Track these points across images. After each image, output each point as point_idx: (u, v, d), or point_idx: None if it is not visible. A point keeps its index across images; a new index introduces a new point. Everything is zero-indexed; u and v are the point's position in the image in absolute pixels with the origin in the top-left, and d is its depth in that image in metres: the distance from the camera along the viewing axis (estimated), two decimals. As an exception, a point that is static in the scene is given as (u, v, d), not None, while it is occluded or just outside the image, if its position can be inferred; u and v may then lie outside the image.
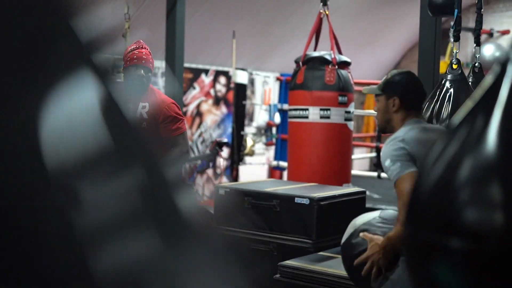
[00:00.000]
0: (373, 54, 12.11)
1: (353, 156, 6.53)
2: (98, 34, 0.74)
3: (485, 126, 1.06)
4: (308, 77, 5.54)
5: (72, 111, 0.65)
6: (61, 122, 0.64)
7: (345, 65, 5.62)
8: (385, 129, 2.95)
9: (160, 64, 8.64)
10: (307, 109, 5.53)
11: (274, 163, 7.79)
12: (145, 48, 3.92)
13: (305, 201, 4.12)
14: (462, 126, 1.12)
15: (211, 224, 5.10)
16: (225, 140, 5.89)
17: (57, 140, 0.63)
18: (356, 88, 7.61)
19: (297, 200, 4.16)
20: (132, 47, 3.91)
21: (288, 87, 6.19)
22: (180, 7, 6.85)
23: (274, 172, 8.09)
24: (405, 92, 2.87)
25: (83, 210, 0.62)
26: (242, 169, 8.63)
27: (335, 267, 3.54)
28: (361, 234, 2.75)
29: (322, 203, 4.09)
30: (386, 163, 2.65)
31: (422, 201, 1.14)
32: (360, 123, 12.07)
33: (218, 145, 5.68)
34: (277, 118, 7.48)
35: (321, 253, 3.96)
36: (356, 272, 2.77)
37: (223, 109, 10.68)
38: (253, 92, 11.51)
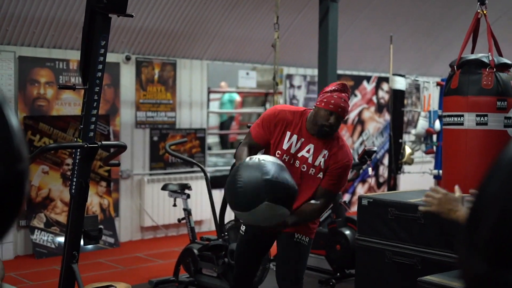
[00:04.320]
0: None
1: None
2: None
3: None
4: (463, 82, 5.22)
5: None
6: None
7: (505, 67, 5.22)
8: None
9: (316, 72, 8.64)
10: (462, 116, 5.21)
11: (435, 172, 7.45)
12: (346, 92, 3.64)
13: (451, 213, 3.86)
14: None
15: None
16: (375, 148, 5.71)
17: None
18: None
19: (442, 212, 3.92)
20: (333, 87, 3.64)
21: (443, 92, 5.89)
22: (332, 14, 6.79)
23: (439, 182, 7.72)
24: None
25: None
26: (402, 178, 8.35)
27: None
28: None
29: (469, 215, 3.81)
30: None
31: (476, 221, 0.97)
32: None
33: (366, 154, 5.53)
34: (437, 125, 7.14)
35: (467, 269, 3.68)
36: None
37: (386, 116, 10.43)
38: (418, 98, 11.12)
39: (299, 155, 3.62)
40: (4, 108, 0.96)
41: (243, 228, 3.87)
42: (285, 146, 3.62)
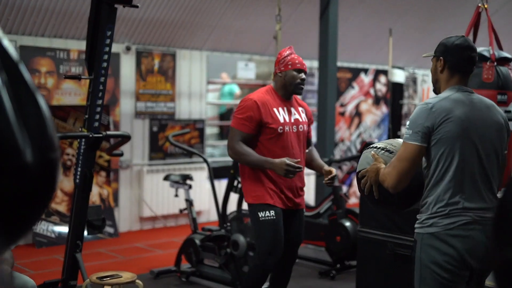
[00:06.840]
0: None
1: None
2: None
3: None
4: (464, 75, 5.27)
5: None
6: None
7: (505, 61, 5.25)
8: (435, 89, 3.04)
9: (316, 64, 8.66)
10: (462, 109, 5.25)
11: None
12: (295, 53, 4.07)
13: (453, 206, 3.91)
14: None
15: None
16: (375, 141, 5.75)
17: None
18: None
19: (444, 204, 3.96)
20: (288, 51, 4.01)
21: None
22: (333, 7, 6.80)
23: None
24: (450, 53, 2.93)
25: None
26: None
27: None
28: (372, 152, 3.00)
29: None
30: (407, 122, 2.84)
31: (506, 212, 1.00)
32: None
33: (367, 147, 5.55)
34: (436, 118, 7.19)
35: (469, 261, 3.73)
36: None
37: (384, 108, 10.47)
38: (415, 91, 11.18)
39: (292, 120, 3.98)
40: (38, 98, 0.97)
41: (269, 213, 3.87)
42: (281, 120, 3.93)
